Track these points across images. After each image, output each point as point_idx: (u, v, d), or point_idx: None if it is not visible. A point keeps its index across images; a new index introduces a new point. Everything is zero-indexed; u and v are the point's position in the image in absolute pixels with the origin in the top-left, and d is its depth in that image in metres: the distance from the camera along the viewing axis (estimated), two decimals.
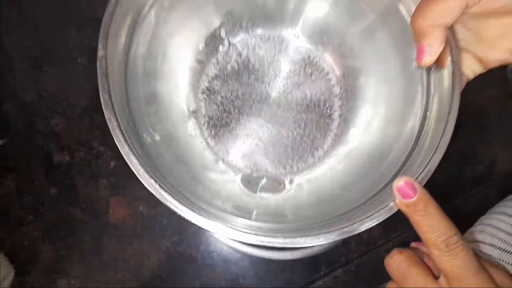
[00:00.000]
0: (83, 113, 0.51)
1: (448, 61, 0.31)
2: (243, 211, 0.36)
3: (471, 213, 0.50)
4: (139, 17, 0.34)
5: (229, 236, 0.28)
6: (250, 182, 0.41)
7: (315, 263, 0.48)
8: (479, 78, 0.34)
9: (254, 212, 0.37)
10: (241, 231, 0.28)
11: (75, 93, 0.52)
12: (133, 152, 0.29)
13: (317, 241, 0.28)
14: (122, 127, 0.29)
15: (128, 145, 0.29)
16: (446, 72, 0.31)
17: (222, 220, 0.29)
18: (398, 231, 0.51)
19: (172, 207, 0.28)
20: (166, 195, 0.28)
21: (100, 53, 0.30)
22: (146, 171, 0.28)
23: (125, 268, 0.46)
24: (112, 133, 0.29)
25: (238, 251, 0.47)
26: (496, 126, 0.58)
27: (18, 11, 0.53)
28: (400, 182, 0.27)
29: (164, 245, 0.47)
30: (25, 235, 0.46)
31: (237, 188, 0.41)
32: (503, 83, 0.61)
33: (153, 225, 0.48)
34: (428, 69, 0.33)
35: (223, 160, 0.42)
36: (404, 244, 0.51)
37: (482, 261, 0.28)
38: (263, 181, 0.42)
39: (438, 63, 0.31)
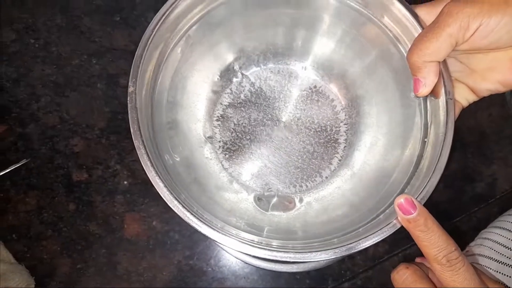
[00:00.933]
0: (101, 134, 0.55)
1: (442, 91, 0.34)
2: (256, 229, 0.38)
3: (474, 230, 0.52)
4: (165, 54, 0.38)
5: (244, 251, 0.30)
6: (262, 201, 0.44)
7: (321, 277, 0.50)
8: (479, 100, 0.36)
9: (266, 229, 0.39)
10: (255, 246, 0.30)
11: (94, 116, 0.56)
12: (158, 176, 0.31)
13: (326, 256, 0.30)
14: (148, 153, 0.32)
15: (155, 170, 0.32)
16: (441, 101, 0.34)
17: (237, 236, 0.31)
18: (402, 246, 0.52)
19: (193, 225, 0.31)
20: (188, 214, 0.31)
21: (131, 89, 0.34)
22: (170, 193, 0.31)
23: (138, 281, 0.48)
24: (140, 159, 0.32)
25: (247, 264, 0.49)
26: (497, 145, 0.61)
27: (44, 41, 0.58)
28: (400, 199, 0.29)
29: (176, 259, 0.49)
30: (44, 249, 0.49)
31: (250, 207, 0.43)
32: (502, 105, 0.63)
33: (166, 240, 0.50)
34: (425, 99, 0.36)
35: (237, 180, 0.44)
36: (407, 259, 0.52)
37: (481, 276, 0.30)
38: (275, 199, 0.44)
39: (433, 93, 0.34)
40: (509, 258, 0.40)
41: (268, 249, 0.30)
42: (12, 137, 0.53)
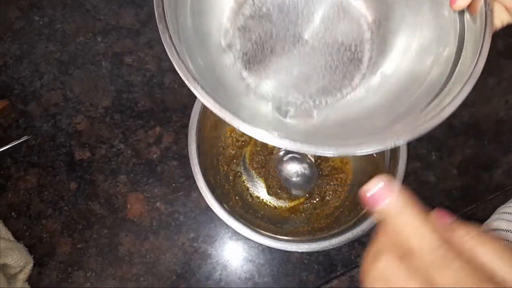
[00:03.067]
0: (105, 113, 0.53)
1: (479, 6, 0.32)
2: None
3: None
4: None
5: (271, 142, 0.28)
6: (281, 110, 0.41)
7: (331, 263, 0.48)
8: (496, 86, 0.34)
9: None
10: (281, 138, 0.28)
11: (98, 94, 0.54)
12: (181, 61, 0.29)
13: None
14: (174, 43, 0.30)
15: (178, 55, 0.29)
16: (479, 16, 0.32)
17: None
18: None
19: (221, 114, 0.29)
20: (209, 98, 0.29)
21: None
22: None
23: (140, 263, 0.46)
24: (164, 43, 0.29)
25: (254, 247, 0.47)
26: None
27: (48, 19, 0.56)
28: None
29: (180, 241, 0.48)
30: (44, 228, 0.47)
31: (269, 115, 0.41)
32: None
33: (170, 221, 0.48)
34: (461, 16, 0.34)
35: (255, 91, 0.42)
36: None
37: None
38: (292, 110, 0.42)
39: (470, 8, 0.32)
40: None
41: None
42: (14, 114, 0.52)
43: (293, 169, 0.46)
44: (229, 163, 0.50)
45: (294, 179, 0.46)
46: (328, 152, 0.28)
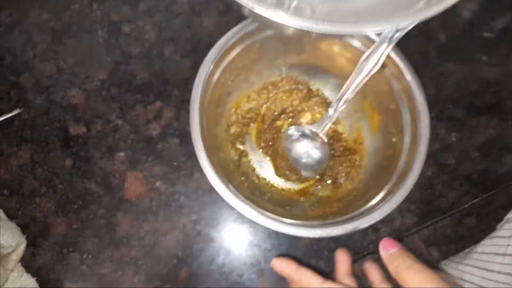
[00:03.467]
0: (101, 85, 0.50)
1: None
2: None
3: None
4: None
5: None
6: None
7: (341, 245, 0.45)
8: None
9: None
10: None
11: (94, 66, 0.50)
12: None
13: None
14: None
15: None
16: None
17: None
18: (433, 218, 0.47)
19: None
20: None
21: None
22: None
23: (139, 245, 0.44)
24: None
25: (261, 231, 0.44)
26: None
27: None
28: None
29: (181, 223, 0.45)
30: (38, 207, 0.45)
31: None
32: None
33: (170, 202, 0.46)
34: None
35: None
36: (438, 232, 0.47)
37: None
38: (296, 2, 0.38)
39: None
40: None
41: None
42: (5, 86, 0.49)
43: (303, 149, 0.43)
44: (234, 142, 0.47)
45: (304, 160, 0.43)
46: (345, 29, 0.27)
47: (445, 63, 0.54)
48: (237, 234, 0.45)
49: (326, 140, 0.42)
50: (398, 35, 0.37)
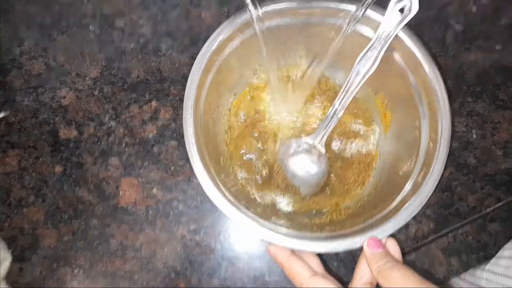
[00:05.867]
0: (93, 84, 0.46)
1: None
2: None
3: None
4: None
5: None
6: None
7: (353, 259, 0.42)
8: None
9: None
10: None
11: (85, 64, 0.47)
12: None
13: None
14: None
15: None
16: None
17: None
18: (451, 225, 0.43)
19: None
20: None
21: None
22: None
23: (135, 258, 0.41)
24: None
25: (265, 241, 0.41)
26: None
27: None
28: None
29: (179, 233, 0.42)
30: (26, 218, 0.42)
31: None
32: None
33: (168, 210, 0.42)
34: None
35: None
36: (458, 239, 0.43)
37: None
38: None
39: None
40: None
41: None
42: None
43: (300, 164, 0.39)
44: (236, 144, 0.43)
45: (301, 175, 0.39)
46: None
47: (464, 52, 0.49)
48: (239, 245, 0.42)
49: (324, 151, 0.39)
50: (396, 30, 0.34)
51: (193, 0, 0.49)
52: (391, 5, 0.34)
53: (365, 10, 0.36)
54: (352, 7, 0.37)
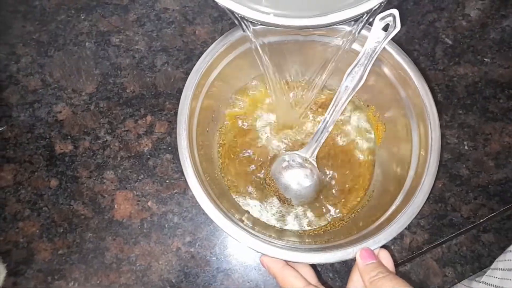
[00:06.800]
0: (89, 100, 0.47)
1: None
2: None
3: None
4: None
5: None
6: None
7: (348, 271, 0.42)
8: None
9: None
10: None
11: (81, 79, 0.48)
12: None
13: None
14: None
15: None
16: None
17: None
18: (445, 235, 0.43)
19: None
20: None
21: None
22: None
23: (130, 271, 0.41)
24: None
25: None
26: None
27: None
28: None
29: (174, 245, 0.42)
30: (21, 231, 0.42)
31: None
32: None
33: (163, 223, 0.43)
34: None
35: None
36: (452, 250, 0.43)
37: None
38: None
39: None
40: None
41: None
42: None
43: (292, 178, 0.40)
44: (230, 156, 0.44)
45: (294, 187, 0.40)
46: None
47: (454, 66, 0.50)
48: (234, 257, 0.42)
49: (315, 164, 0.39)
50: (381, 46, 0.35)
51: (188, 17, 0.50)
52: (376, 22, 0.35)
53: (361, 29, 0.36)
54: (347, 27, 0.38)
